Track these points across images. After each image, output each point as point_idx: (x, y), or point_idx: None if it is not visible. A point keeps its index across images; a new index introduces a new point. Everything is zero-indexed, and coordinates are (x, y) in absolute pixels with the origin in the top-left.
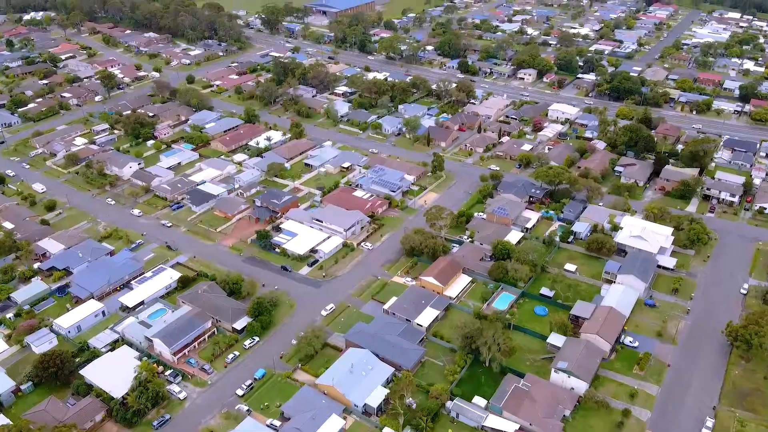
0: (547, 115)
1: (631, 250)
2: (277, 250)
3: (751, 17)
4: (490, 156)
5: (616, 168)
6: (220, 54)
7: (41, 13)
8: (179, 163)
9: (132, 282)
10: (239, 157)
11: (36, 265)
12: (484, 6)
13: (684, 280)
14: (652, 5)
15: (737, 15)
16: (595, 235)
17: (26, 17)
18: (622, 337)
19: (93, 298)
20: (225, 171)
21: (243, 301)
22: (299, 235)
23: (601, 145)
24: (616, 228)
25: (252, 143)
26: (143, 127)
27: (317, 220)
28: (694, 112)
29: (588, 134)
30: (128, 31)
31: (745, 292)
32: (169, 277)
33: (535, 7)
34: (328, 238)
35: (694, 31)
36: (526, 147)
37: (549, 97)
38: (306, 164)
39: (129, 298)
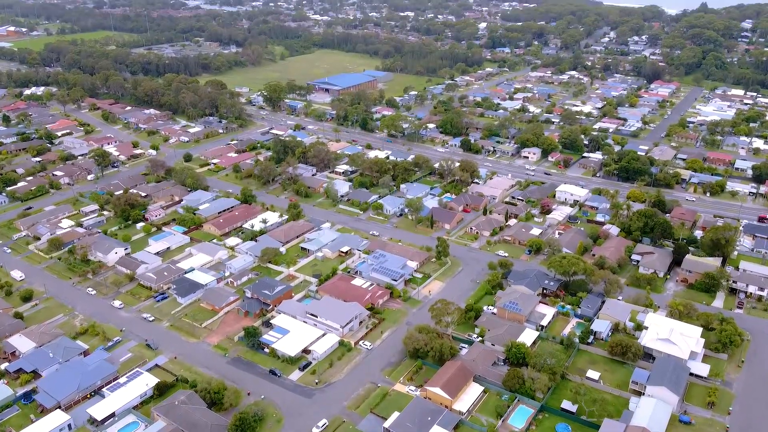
0: (554, 196)
1: (659, 354)
2: (266, 350)
3: (755, 94)
4: (498, 240)
5: (633, 256)
6: (220, 131)
7: (42, 88)
8: (168, 248)
9: (104, 389)
10: (232, 240)
11: (3, 366)
12: (485, 84)
13: (719, 390)
14: (653, 83)
15: (741, 92)
16: (617, 336)
17: (27, 92)
18: None
19: (60, 407)
20: (216, 257)
21: (225, 413)
22: (291, 332)
23: (614, 230)
24: (639, 327)
25: (247, 225)
26: (133, 208)
27: (312, 314)
28: (708, 194)
29: (599, 218)
30: (129, 108)
31: None
32: (145, 383)
33: (535, 85)
34: (323, 335)
35: (698, 108)
36: (535, 231)
37: (555, 177)
38: (302, 248)
39: (98, 410)
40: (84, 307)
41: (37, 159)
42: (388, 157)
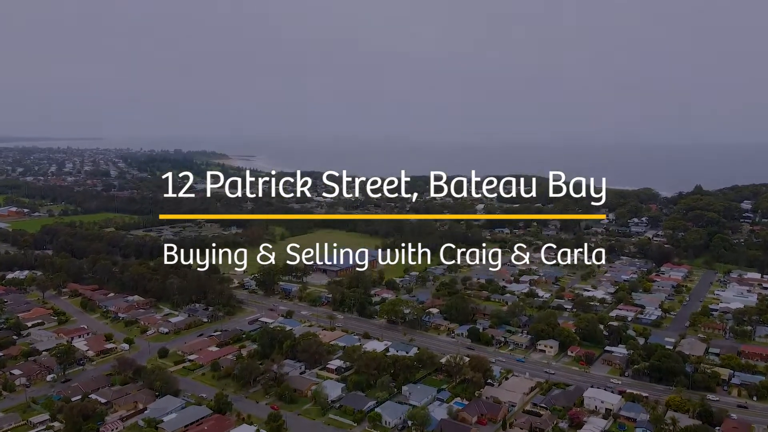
0: (582, 403)
1: None
2: None
3: None
4: None
5: None
6: (204, 320)
7: (26, 272)
8: None
9: None
10: None
11: None
12: (488, 264)
13: None
14: (663, 266)
15: (757, 275)
16: None
17: (10, 276)
18: None
19: None
20: None
21: None
22: None
23: None
24: None
25: None
26: (87, 420)
27: None
28: (755, 398)
29: None
30: (111, 294)
31: None
32: None
33: (540, 267)
34: None
35: (717, 293)
36: None
37: (578, 376)
38: None
39: None
40: None
41: None
42: (387, 350)
